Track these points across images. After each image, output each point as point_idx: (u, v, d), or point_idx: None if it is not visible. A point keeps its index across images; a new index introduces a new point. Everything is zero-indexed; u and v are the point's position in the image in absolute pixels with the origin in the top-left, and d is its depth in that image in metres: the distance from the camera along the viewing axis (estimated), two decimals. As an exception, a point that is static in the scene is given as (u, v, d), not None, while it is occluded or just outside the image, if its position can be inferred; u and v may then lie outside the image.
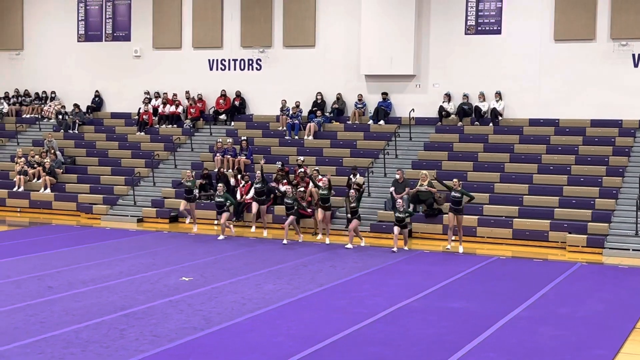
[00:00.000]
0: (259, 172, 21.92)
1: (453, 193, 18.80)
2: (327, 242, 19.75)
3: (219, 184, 21.11)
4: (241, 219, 22.51)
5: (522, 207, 21.12)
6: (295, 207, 20.19)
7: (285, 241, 19.59)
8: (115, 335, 10.83)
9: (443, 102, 25.15)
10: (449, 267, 16.74)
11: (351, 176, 21.77)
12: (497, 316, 12.32)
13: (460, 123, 24.92)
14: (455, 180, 19.08)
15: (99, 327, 11.26)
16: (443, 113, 25.12)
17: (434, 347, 10.62)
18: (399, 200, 19.04)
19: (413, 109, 25.08)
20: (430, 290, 14.31)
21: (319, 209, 20.34)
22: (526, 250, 19.54)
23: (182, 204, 21.62)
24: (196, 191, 22.19)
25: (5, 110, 30.53)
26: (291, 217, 20.00)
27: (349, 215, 19.94)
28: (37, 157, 26.73)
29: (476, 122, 24.71)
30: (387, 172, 23.32)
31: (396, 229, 18.64)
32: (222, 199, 20.45)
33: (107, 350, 10.12)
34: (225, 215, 20.34)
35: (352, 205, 19.33)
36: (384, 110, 25.69)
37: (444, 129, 24.96)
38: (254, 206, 21.76)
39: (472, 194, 19.34)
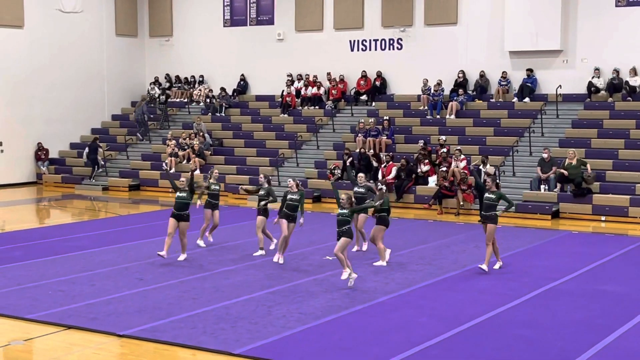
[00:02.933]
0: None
1: (486, 194, 14.06)
2: (364, 248, 15.61)
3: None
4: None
5: (679, 186, 20.12)
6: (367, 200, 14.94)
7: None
8: (262, 312, 11.14)
9: (592, 77, 24.21)
10: (599, 248, 16.17)
11: (480, 165, 20.56)
12: (652, 300, 11.84)
13: (610, 99, 23.92)
14: (488, 180, 14.28)
15: (247, 303, 11.61)
16: (592, 89, 24.19)
17: (584, 330, 10.31)
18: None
19: (560, 85, 24.27)
20: (579, 272, 13.89)
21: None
22: (683, 231, 18.63)
23: (209, 214, 16.57)
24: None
25: (157, 95, 31.82)
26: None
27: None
28: (187, 139, 27.77)
29: (628, 98, 23.65)
30: (533, 151, 22.71)
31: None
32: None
33: (256, 327, 10.43)
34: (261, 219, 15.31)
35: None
36: (529, 87, 25.00)
37: (593, 105, 24.03)
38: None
39: (512, 200, 15.02)
